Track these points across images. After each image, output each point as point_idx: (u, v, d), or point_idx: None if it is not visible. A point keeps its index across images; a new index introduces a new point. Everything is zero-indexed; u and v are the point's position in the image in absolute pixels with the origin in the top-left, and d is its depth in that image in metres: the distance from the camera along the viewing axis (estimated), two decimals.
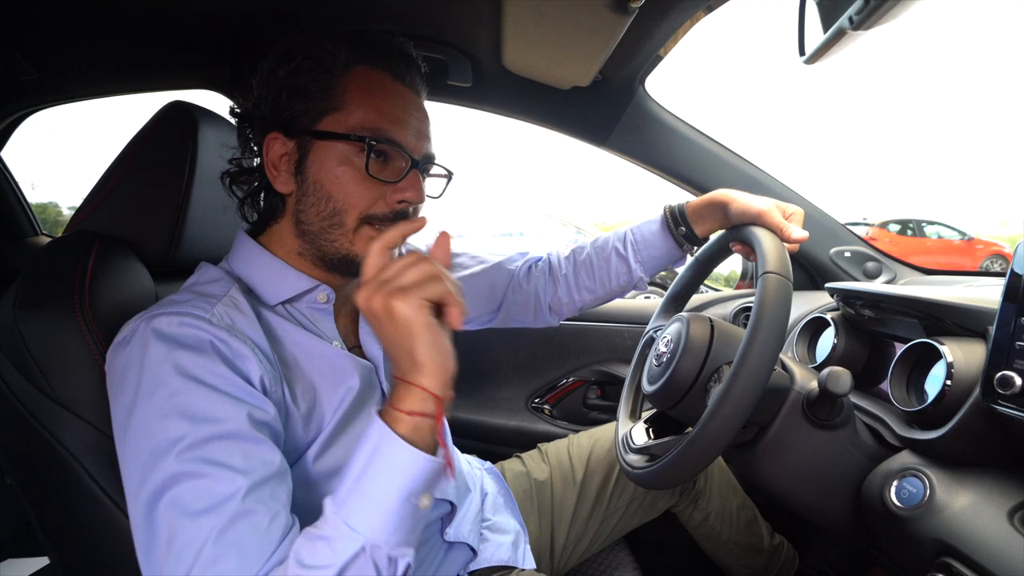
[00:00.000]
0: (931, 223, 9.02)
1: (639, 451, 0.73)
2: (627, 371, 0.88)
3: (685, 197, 0.84)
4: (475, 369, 1.35)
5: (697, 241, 0.81)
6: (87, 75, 1.15)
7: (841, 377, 0.61)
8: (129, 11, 0.86)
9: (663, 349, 0.72)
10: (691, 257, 0.86)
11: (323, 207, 0.59)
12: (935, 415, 0.62)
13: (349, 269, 0.61)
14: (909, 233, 8.83)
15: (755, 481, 0.73)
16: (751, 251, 0.68)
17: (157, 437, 0.47)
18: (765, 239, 0.64)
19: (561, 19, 0.73)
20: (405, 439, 0.45)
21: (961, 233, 8.91)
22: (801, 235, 0.69)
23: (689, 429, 0.64)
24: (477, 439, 1.29)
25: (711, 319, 0.70)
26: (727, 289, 1.53)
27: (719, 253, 0.81)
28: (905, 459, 0.64)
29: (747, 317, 1.14)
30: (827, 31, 0.48)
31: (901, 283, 1.13)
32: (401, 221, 0.50)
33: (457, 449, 0.85)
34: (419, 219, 0.51)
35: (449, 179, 0.70)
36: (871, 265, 1.16)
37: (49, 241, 0.68)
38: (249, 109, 0.63)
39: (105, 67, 1.08)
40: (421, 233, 0.53)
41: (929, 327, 0.71)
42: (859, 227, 8.75)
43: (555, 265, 0.91)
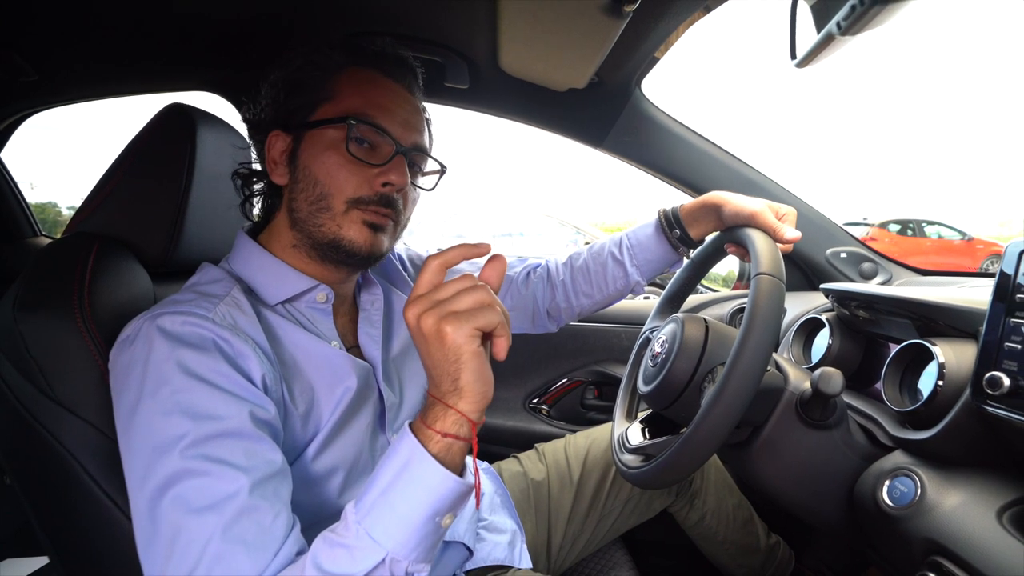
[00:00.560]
0: (931, 223, 9.00)
1: (634, 451, 0.73)
2: (624, 372, 0.88)
3: (682, 198, 0.84)
4: None
5: (692, 244, 0.82)
6: (86, 77, 1.15)
7: (832, 377, 0.61)
8: (128, 13, 0.86)
9: (658, 350, 0.72)
10: (687, 259, 0.86)
11: (311, 192, 0.61)
12: (927, 415, 0.62)
13: (339, 255, 0.62)
14: (909, 233, 8.81)
15: (750, 481, 0.73)
16: (745, 252, 0.68)
17: (160, 434, 0.47)
18: (758, 240, 0.64)
19: (556, 22, 0.73)
20: (436, 458, 0.45)
21: (961, 233, 8.89)
22: (794, 235, 0.69)
23: (684, 429, 0.65)
24: None
25: (706, 320, 0.70)
26: (724, 290, 1.53)
27: (714, 255, 0.81)
28: (897, 459, 0.64)
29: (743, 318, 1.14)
30: (817, 35, 0.49)
31: (896, 284, 1.14)
32: (463, 244, 0.48)
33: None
34: (483, 244, 0.48)
35: (442, 173, 0.70)
36: (867, 266, 1.16)
37: (49, 243, 0.68)
38: (257, 114, 0.66)
39: (104, 69, 1.09)
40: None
41: (922, 328, 0.71)
42: (859, 227, 8.73)
43: (553, 271, 0.91)
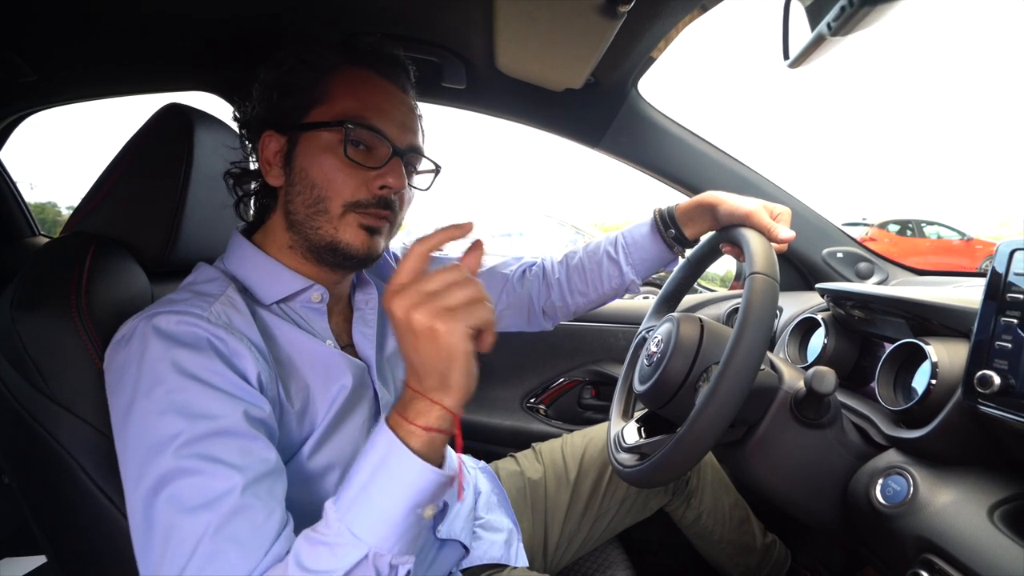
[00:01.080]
0: (931, 223, 9.01)
1: (630, 450, 0.74)
2: (621, 371, 0.89)
3: (679, 198, 0.84)
4: None
5: (687, 243, 0.82)
6: (85, 77, 1.15)
7: (826, 376, 0.62)
8: (126, 13, 0.87)
9: (654, 349, 0.73)
10: (682, 259, 0.87)
11: (308, 195, 0.61)
12: (920, 414, 0.62)
13: (336, 258, 0.62)
14: (908, 233, 8.81)
15: (745, 479, 0.74)
16: (740, 252, 0.68)
17: (155, 433, 0.47)
18: (753, 240, 0.65)
19: (551, 22, 0.73)
20: (417, 452, 0.44)
21: (960, 234, 8.90)
22: (788, 235, 0.70)
23: (680, 428, 0.65)
24: (472, 439, 1.30)
25: (701, 319, 0.71)
26: (721, 290, 1.53)
27: (710, 254, 0.82)
28: (891, 457, 0.64)
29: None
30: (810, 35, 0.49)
31: (893, 284, 1.14)
32: (447, 226, 0.46)
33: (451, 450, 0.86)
34: (464, 224, 0.47)
35: (437, 173, 0.70)
36: (863, 266, 1.16)
37: (46, 242, 0.68)
38: (248, 114, 0.66)
39: (102, 69, 1.09)
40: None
41: (916, 327, 0.71)
42: (859, 227, 8.73)
43: (548, 270, 0.92)
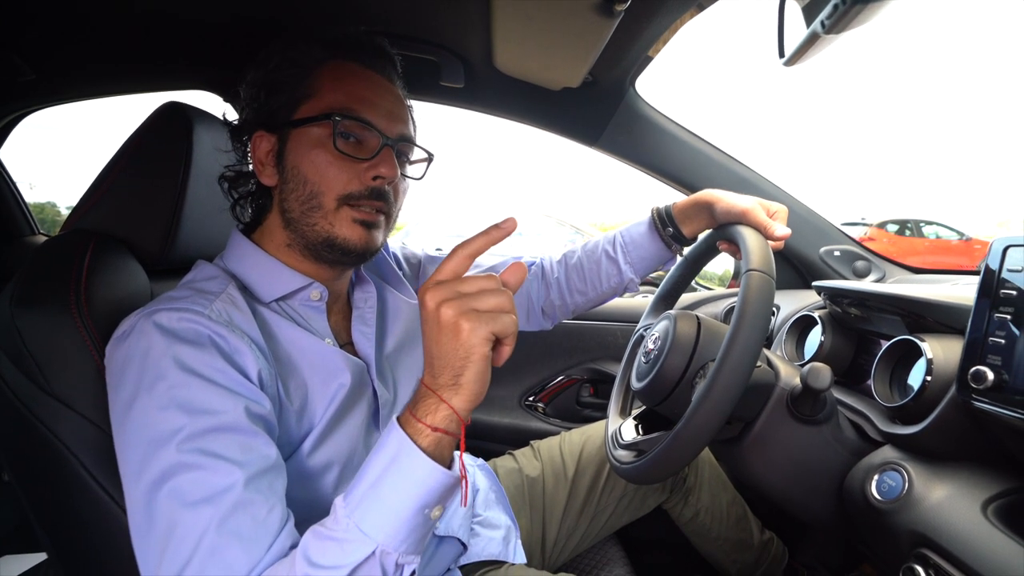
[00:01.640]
0: (929, 223, 9.02)
1: (627, 447, 0.74)
2: (619, 369, 0.89)
3: (677, 197, 0.85)
4: None
5: (685, 241, 0.82)
6: (84, 76, 1.15)
7: (821, 373, 0.62)
8: (126, 12, 0.87)
9: (651, 346, 0.73)
10: (680, 257, 0.87)
11: (302, 191, 0.61)
12: (915, 410, 0.63)
13: (333, 253, 0.62)
14: (907, 233, 8.82)
15: (741, 476, 0.74)
16: (737, 250, 0.69)
17: (156, 428, 0.48)
18: (749, 237, 0.65)
19: (548, 21, 0.74)
20: (425, 452, 0.45)
21: (959, 233, 8.91)
22: (784, 232, 0.70)
23: (676, 425, 0.66)
24: (471, 436, 1.29)
25: (698, 317, 0.71)
26: (719, 288, 1.54)
27: (707, 252, 0.82)
28: (886, 453, 0.65)
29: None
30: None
31: (889, 282, 1.14)
32: (489, 229, 0.47)
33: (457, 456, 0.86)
34: (506, 223, 0.47)
35: (430, 161, 0.70)
36: (861, 264, 1.17)
37: (46, 239, 0.68)
38: (239, 115, 0.66)
39: (101, 68, 1.09)
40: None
41: (912, 324, 0.72)
42: (858, 227, 8.74)
43: (547, 269, 0.92)
